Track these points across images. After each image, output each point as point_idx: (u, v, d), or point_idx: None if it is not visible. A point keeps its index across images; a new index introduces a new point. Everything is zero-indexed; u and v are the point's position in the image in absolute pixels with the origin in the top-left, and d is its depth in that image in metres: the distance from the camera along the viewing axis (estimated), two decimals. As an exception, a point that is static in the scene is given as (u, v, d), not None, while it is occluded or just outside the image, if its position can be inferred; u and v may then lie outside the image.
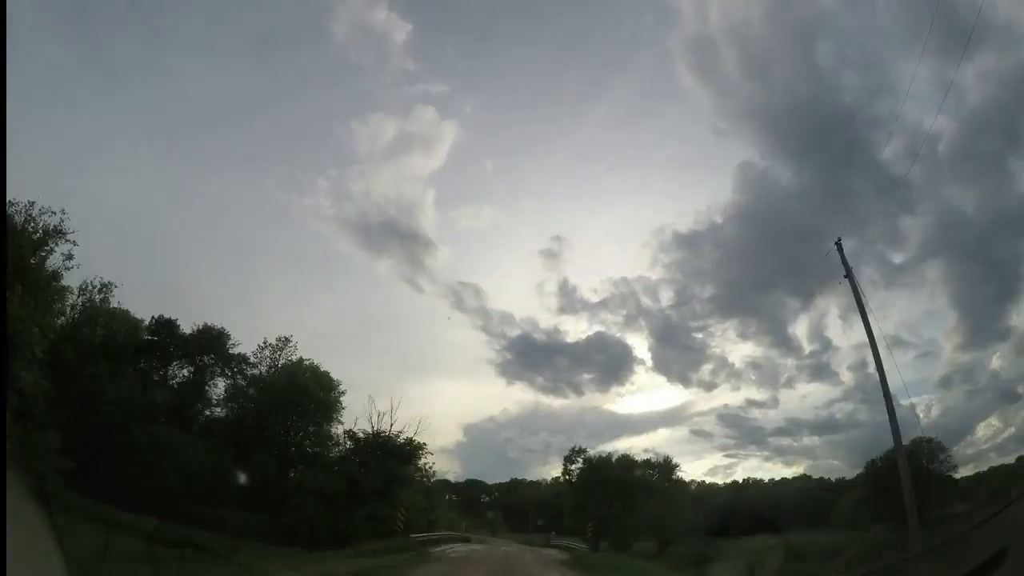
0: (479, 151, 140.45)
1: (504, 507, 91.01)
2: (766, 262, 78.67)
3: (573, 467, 63.36)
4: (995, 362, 66.68)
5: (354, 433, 40.27)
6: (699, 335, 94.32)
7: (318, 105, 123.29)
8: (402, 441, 40.97)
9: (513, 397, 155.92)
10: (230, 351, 35.69)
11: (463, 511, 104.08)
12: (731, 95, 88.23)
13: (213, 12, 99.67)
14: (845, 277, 23.93)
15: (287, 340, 38.41)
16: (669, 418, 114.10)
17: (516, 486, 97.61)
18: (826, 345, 78.58)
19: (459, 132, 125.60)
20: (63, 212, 23.32)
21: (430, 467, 43.90)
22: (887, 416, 22.11)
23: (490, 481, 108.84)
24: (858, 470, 61.29)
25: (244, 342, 37.11)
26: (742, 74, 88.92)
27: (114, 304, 30.81)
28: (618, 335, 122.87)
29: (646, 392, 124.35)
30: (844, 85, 76.78)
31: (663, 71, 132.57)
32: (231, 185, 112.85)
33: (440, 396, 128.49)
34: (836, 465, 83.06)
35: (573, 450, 64.48)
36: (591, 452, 62.01)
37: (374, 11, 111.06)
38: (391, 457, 38.31)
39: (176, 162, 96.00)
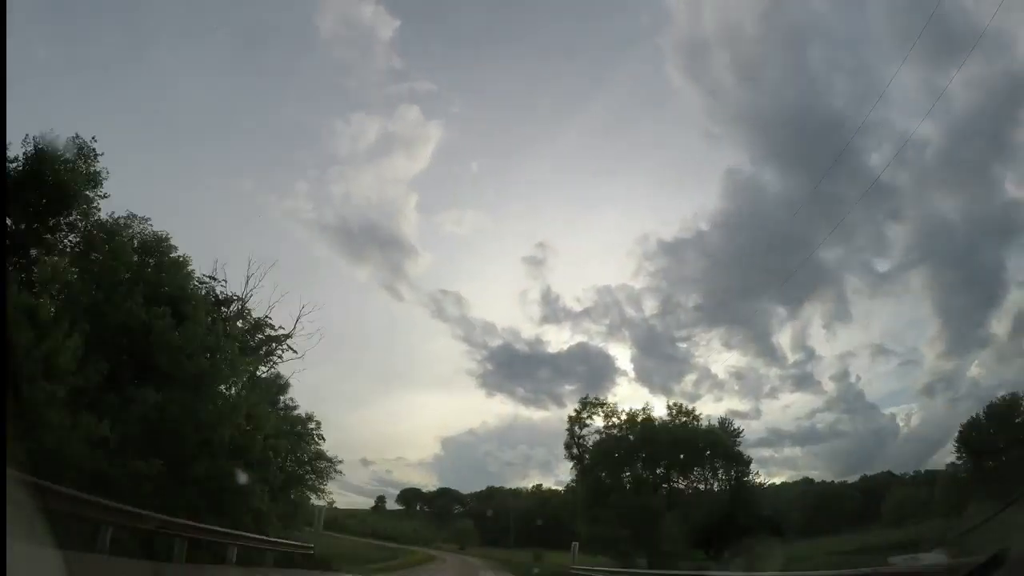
0: (464, 153, 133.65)
1: (478, 517, 79.01)
2: (752, 270, 77.28)
3: (584, 432, 41.15)
4: (975, 370, 66.19)
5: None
6: (683, 345, 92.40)
7: (300, 104, 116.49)
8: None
9: (493, 410, 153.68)
10: None
11: (435, 522, 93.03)
12: (721, 98, 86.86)
13: (195, 8, 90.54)
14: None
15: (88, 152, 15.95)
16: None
17: (493, 494, 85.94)
18: (810, 354, 79.18)
19: (444, 133, 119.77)
20: None
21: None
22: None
23: (465, 491, 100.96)
24: (845, 478, 58.11)
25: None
26: (733, 77, 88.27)
27: None
28: (601, 345, 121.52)
29: (628, 404, 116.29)
30: (834, 90, 76.06)
31: (653, 74, 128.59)
32: (209, 185, 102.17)
33: (419, 409, 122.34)
34: (817, 476, 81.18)
35: (585, 402, 42.87)
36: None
37: (361, 6, 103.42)
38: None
39: (152, 158, 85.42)
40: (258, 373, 21.15)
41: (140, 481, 12.55)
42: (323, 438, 24.07)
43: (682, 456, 32.81)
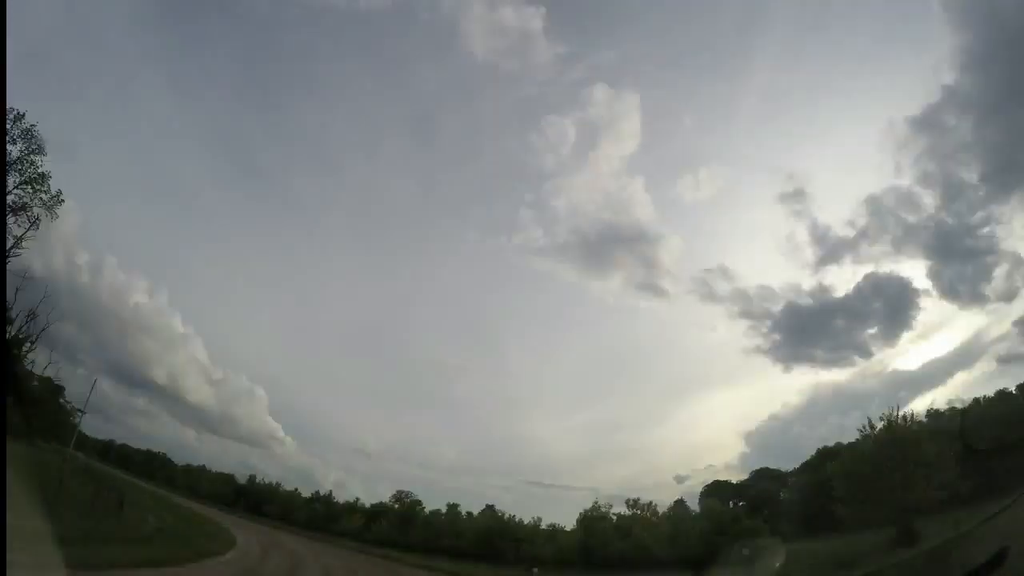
0: (670, 108, 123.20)
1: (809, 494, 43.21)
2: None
3: None
4: None
5: None
6: (984, 230, 76.95)
7: (491, 135, 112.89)
8: None
9: (791, 385, 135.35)
10: None
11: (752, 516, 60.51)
12: None
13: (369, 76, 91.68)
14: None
15: None
16: (965, 354, 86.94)
17: (831, 454, 48.50)
18: None
19: (641, 96, 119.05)
20: None
21: None
22: None
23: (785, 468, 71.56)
24: None
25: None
26: None
27: None
28: (890, 269, 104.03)
29: (937, 330, 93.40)
30: None
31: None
32: (439, 248, 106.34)
33: (713, 412, 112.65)
34: None
35: None
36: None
37: (499, 10, 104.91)
38: None
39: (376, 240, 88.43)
40: None
41: None
42: None
43: None
